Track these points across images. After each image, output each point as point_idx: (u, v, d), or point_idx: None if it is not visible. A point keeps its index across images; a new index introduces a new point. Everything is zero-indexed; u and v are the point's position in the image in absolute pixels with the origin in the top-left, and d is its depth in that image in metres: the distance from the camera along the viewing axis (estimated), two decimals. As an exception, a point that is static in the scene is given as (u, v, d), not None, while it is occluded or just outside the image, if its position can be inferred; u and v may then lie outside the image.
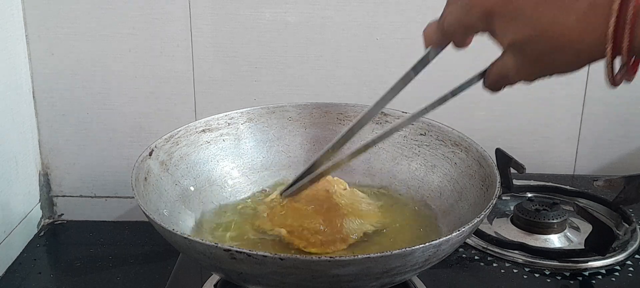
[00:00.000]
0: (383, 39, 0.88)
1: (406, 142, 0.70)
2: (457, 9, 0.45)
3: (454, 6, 0.45)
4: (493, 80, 0.46)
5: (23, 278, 0.82)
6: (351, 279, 0.47)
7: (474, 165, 0.63)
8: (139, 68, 0.89)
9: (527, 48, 0.41)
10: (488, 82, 0.47)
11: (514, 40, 0.41)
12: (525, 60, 0.42)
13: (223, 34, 0.88)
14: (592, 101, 0.92)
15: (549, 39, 0.40)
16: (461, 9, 0.44)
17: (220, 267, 0.50)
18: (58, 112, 0.92)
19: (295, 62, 0.89)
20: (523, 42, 0.41)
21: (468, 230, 0.50)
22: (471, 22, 0.44)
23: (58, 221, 0.97)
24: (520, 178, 0.83)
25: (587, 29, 0.38)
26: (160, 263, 0.85)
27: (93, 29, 0.88)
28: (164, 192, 0.62)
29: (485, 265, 0.70)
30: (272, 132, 0.73)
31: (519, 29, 0.41)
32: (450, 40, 0.47)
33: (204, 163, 0.69)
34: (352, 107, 0.73)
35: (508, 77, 0.44)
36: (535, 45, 0.41)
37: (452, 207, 0.63)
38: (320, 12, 0.87)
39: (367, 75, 0.90)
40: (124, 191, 0.96)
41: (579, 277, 0.68)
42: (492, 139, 0.85)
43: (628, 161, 0.96)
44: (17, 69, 0.87)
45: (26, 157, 0.90)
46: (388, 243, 0.60)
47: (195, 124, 0.69)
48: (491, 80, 0.46)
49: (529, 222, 0.75)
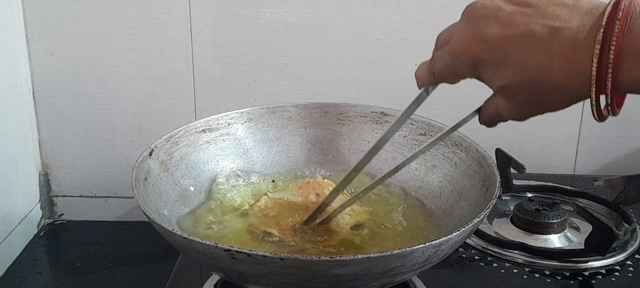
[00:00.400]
0: (383, 39, 0.88)
1: (406, 142, 0.70)
2: (446, 56, 0.46)
3: (443, 52, 0.46)
4: (487, 118, 0.47)
5: (23, 278, 0.82)
6: (351, 279, 0.47)
7: (474, 165, 0.63)
8: (139, 68, 0.89)
9: (516, 91, 0.42)
10: (482, 120, 0.48)
11: (503, 85, 0.42)
12: (515, 103, 0.43)
13: (223, 34, 0.88)
14: (592, 101, 0.92)
15: (537, 82, 0.40)
16: (449, 57, 0.45)
17: (220, 267, 0.50)
18: (58, 112, 0.92)
19: (295, 62, 0.89)
20: (511, 87, 0.42)
21: (468, 230, 0.50)
22: (460, 69, 0.45)
23: (58, 221, 0.97)
24: (520, 178, 0.83)
25: (571, 72, 0.39)
26: (160, 263, 0.85)
27: (93, 29, 0.88)
28: (164, 192, 0.62)
29: (485, 265, 0.70)
30: (272, 132, 0.73)
31: (506, 76, 0.42)
32: (441, 82, 0.48)
33: (204, 163, 0.69)
34: (352, 107, 0.73)
35: (501, 116, 0.45)
36: (523, 90, 0.42)
37: (452, 207, 0.63)
38: (320, 12, 0.87)
39: (367, 75, 0.90)
40: (124, 191, 0.96)
41: (579, 277, 0.68)
42: (492, 139, 0.85)
43: (628, 161, 0.96)
44: (17, 69, 0.87)
45: (26, 157, 0.90)
46: (385, 244, 0.60)
47: (195, 124, 0.69)
48: (485, 118, 0.48)
49: (529, 222, 0.75)
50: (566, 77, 0.39)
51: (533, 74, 0.40)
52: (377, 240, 0.61)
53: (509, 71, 0.41)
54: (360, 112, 0.73)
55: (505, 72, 0.41)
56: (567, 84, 0.39)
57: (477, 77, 0.44)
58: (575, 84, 0.39)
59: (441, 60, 0.46)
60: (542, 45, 0.39)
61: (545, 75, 0.40)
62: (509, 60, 0.41)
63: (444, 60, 0.46)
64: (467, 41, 0.43)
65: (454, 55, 0.44)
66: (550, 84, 0.40)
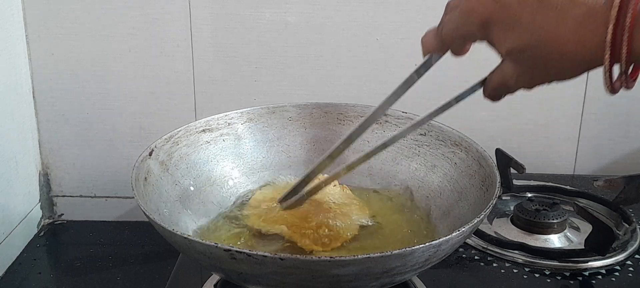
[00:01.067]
0: (383, 39, 0.88)
1: (406, 142, 0.70)
2: (455, 17, 0.45)
3: (452, 14, 0.45)
4: (493, 88, 0.46)
5: (23, 278, 0.82)
6: (351, 279, 0.47)
7: (474, 165, 0.63)
8: (139, 68, 0.89)
9: (525, 55, 0.41)
10: (488, 91, 0.47)
11: (512, 48, 0.41)
12: (524, 67, 0.42)
13: (223, 34, 0.88)
14: (592, 101, 0.92)
15: (547, 46, 0.40)
16: (459, 17, 0.44)
17: (220, 267, 0.50)
18: (58, 112, 0.92)
19: (295, 62, 0.89)
20: (521, 49, 0.41)
21: (468, 230, 0.50)
22: (469, 31, 0.44)
23: (58, 221, 0.97)
24: (520, 178, 0.83)
25: (584, 36, 0.38)
26: (160, 263, 0.85)
27: (93, 29, 0.88)
28: (164, 192, 0.62)
29: (485, 265, 0.70)
30: (272, 132, 0.73)
31: (517, 36, 0.41)
32: (448, 48, 0.47)
33: (204, 163, 0.69)
34: (352, 107, 0.73)
35: (507, 84, 0.44)
36: (533, 53, 0.41)
37: (452, 207, 0.63)
38: (320, 12, 0.87)
39: (367, 75, 0.90)
40: (124, 191, 0.96)
41: (579, 277, 0.68)
42: (492, 139, 0.85)
43: (628, 161, 0.96)
44: (17, 69, 0.87)
45: (26, 157, 0.90)
46: (385, 244, 0.60)
47: (195, 124, 0.69)
48: (491, 89, 0.46)
49: (529, 222, 0.75)
50: (579, 41, 0.38)
51: (544, 35, 0.39)
52: (377, 240, 0.61)
53: (519, 32, 0.40)
54: (360, 112, 0.73)
55: (515, 34, 0.41)
56: (579, 48, 0.38)
57: (486, 39, 0.43)
58: (588, 49, 0.38)
59: (450, 22, 0.45)
60: (556, 8, 0.39)
61: (557, 38, 0.39)
62: (520, 22, 0.40)
63: (454, 22, 0.45)
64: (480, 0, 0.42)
65: (464, 15, 0.43)
66: (562, 48, 0.39)
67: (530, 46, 0.40)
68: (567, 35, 0.39)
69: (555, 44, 0.39)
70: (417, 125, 0.53)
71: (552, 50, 0.40)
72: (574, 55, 0.39)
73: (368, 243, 0.60)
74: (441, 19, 0.47)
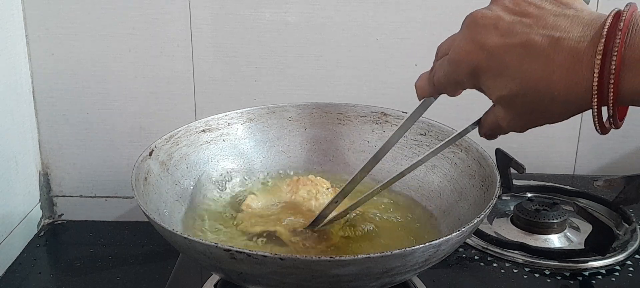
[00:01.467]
0: (383, 39, 0.88)
1: (406, 142, 0.70)
2: (445, 66, 0.45)
3: (443, 61, 0.46)
4: (487, 129, 0.47)
5: (23, 278, 0.82)
6: (351, 279, 0.47)
7: (474, 165, 0.63)
8: (139, 68, 0.89)
9: (515, 102, 0.42)
10: (482, 131, 0.48)
11: (502, 95, 0.42)
12: (515, 112, 0.43)
13: (223, 34, 0.88)
14: (592, 101, 0.92)
15: (535, 93, 0.40)
16: (448, 66, 0.45)
17: (220, 267, 0.50)
18: (58, 112, 0.92)
19: (295, 62, 0.89)
20: (510, 97, 0.41)
21: (468, 230, 0.50)
22: (458, 79, 0.44)
23: (58, 221, 0.97)
24: (520, 178, 0.83)
25: (572, 82, 0.38)
26: (160, 263, 0.85)
27: (93, 29, 0.88)
28: (164, 192, 0.62)
29: (485, 265, 0.70)
30: (272, 132, 0.73)
31: (505, 84, 0.41)
32: (441, 92, 0.48)
33: (204, 163, 0.69)
34: (352, 107, 0.73)
35: (500, 127, 0.45)
36: (523, 100, 0.41)
37: (452, 207, 0.63)
38: (320, 12, 0.87)
39: (367, 75, 0.90)
40: (124, 191, 0.96)
41: (579, 277, 0.68)
42: (492, 139, 0.85)
43: (628, 161, 0.96)
44: (17, 69, 0.87)
45: (26, 157, 0.90)
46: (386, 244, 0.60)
47: (195, 124, 0.69)
48: (485, 130, 0.47)
49: (529, 222, 0.75)
50: (566, 87, 0.39)
51: (532, 83, 0.40)
52: (377, 240, 0.61)
53: (507, 80, 0.41)
54: (360, 112, 0.73)
55: (504, 81, 0.41)
56: (567, 94, 0.39)
57: (476, 87, 0.44)
58: (576, 94, 0.39)
59: (441, 70, 0.46)
60: (542, 55, 0.39)
61: (545, 85, 0.39)
62: (508, 69, 0.41)
63: (444, 69, 0.45)
64: (467, 49, 0.43)
65: (453, 64, 0.44)
66: (550, 94, 0.39)
67: (520, 93, 0.41)
68: (555, 82, 0.39)
69: (545, 89, 0.40)
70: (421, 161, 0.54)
71: (541, 96, 0.40)
72: (564, 100, 0.39)
73: (368, 243, 0.60)
74: (433, 64, 0.48)
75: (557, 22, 0.39)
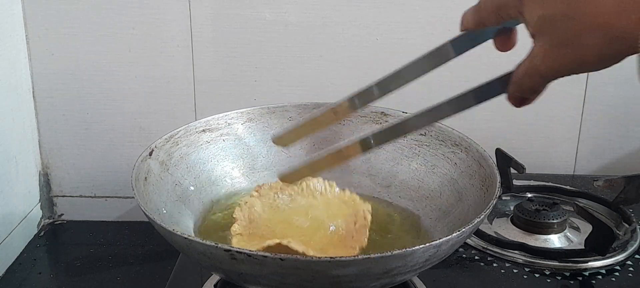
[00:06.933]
0: (383, 39, 0.88)
1: (406, 142, 0.70)
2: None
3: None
4: (520, 75, 0.43)
5: (23, 278, 0.82)
6: (351, 279, 0.47)
7: (474, 166, 0.63)
8: (139, 68, 0.89)
9: (556, 26, 0.39)
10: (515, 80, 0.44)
11: (545, 15, 0.39)
12: (553, 42, 0.40)
13: (223, 34, 0.88)
14: (592, 101, 0.92)
15: (581, 17, 0.37)
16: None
17: (220, 267, 0.51)
18: (58, 112, 0.92)
19: (295, 62, 0.89)
20: (553, 17, 0.39)
21: (468, 231, 0.50)
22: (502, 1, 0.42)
23: (58, 221, 0.97)
24: (520, 178, 0.83)
25: (624, 11, 0.36)
26: (160, 263, 0.85)
27: (93, 29, 0.88)
28: (164, 192, 0.62)
29: (485, 265, 0.70)
30: (272, 132, 0.73)
31: (550, 4, 0.39)
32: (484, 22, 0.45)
33: (204, 163, 0.69)
34: (352, 107, 0.73)
35: (536, 68, 0.42)
36: (565, 24, 0.38)
37: (452, 207, 0.63)
38: (320, 12, 0.87)
39: (367, 75, 0.90)
40: (124, 191, 0.96)
41: (579, 277, 0.68)
42: (492, 139, 0.84)
43: (628, 161, 0.96)
44: (17, 69, 0.87)
45: (26, 157, 0.90)
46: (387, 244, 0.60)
47: (195, 124, 0.69)
48: (518, 77, 0.44)
49: (529, 222, 0.76)
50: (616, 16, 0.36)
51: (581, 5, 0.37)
52: (377, 241, 0.61)
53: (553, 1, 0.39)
54: (360, 112, 0.73)
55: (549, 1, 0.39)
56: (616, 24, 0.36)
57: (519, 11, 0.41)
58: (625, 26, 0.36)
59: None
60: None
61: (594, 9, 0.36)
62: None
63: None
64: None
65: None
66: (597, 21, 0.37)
67: (564, 15, 0.38)
68: (605, 7, 0.36)
69: (591, 15, 0.37)
70: None
71: (586, 23, 0.37)
72: (609, 32, 0.37)
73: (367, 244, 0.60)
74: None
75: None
